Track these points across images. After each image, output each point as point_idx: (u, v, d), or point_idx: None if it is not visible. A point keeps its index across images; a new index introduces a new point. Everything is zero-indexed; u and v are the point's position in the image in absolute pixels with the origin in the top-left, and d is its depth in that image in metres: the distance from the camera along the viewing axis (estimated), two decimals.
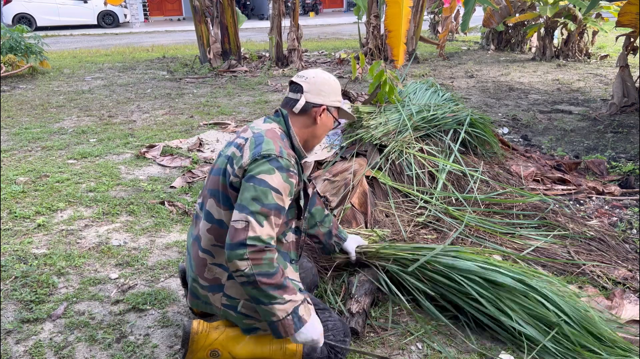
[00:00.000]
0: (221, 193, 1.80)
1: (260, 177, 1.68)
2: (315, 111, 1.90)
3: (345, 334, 1.96)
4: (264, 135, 1.79)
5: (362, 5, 10.24)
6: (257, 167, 1.70)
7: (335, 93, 1.95)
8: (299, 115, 1.91)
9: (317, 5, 26.59)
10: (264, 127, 1.86)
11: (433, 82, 4.42)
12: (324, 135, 2.00)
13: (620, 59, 6.02)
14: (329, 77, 1.95)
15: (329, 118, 1.96)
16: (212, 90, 7.73)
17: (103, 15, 20.32)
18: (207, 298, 1.88)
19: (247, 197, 1.67)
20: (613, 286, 2.48)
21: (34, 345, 2.16)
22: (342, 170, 3.35)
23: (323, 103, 1.91)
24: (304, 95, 1.89)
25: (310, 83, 1.90)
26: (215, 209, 1.81)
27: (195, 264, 1.88)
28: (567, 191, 3.57)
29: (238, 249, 1.62)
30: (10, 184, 3.87)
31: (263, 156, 1.71)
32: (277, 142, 1.77)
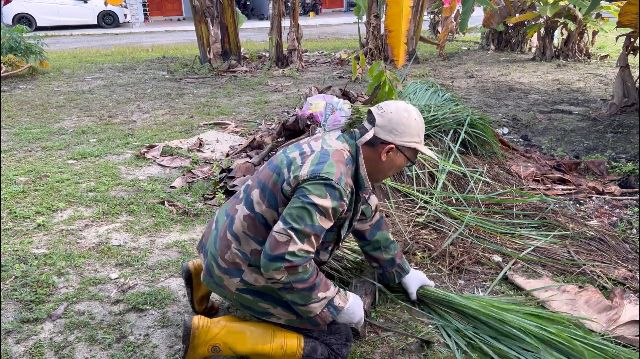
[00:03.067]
0: (270, 190, 1.81)
1: (311, 197, 1.69)
2: (382, 147, 1.85)
3: (347, 338, 1.96)
4: (330, 155, 1.77)
5: (362, 5, 10.25)
6: (312, 186, 1.70)
7: (411, 134, 1.85)
8: (366, 146, 1.87)
9: (317, 5, 26.59)
10: (334, 145, 1.84)
11: (433, 82, 4.42)
12: (391, 173, 1.95)
13: (620, 59, 6.02)
14: (408, 115, 1.85)
15: (398, 157, 1.88)
16: (212, 90, 7.73)
17: (103, 15, 20.32)
18: (222, 280, 1.88)
19: (294, 214, 1.69)
20: (613, 286, 2.48)
21: (34, 345, 2.16)
22: None
23: (392, 142, 1.84)
24: (374, 128, 1.85)
25: (384, 118, 1.84)
26: (258, 201, 1.83)
27: (220, 243, 1.89)
28: (567, 191, 3.57)
29: (276, 262, 1.67)
30: (10, 184, 3.87)
31: (320, 177, 1.71)
32: (341, 166, 1.75)
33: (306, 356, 1.90)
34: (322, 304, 1.77)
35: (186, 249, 2.94)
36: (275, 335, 1.89)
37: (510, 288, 2.53)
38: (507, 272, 2.60)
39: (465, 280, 2.59)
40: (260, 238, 1.81)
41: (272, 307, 1.87)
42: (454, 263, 2.69)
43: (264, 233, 1.81)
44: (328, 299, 1.78)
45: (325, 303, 1.77)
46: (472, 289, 2.53)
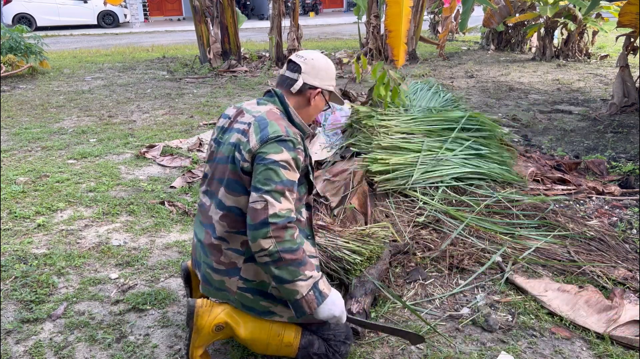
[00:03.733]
0: (231, 180, 1.83)
1: (269, 157, 1.72)
2: (311, 93, 1.94)
3: (347, 337, 1.97)
4: (266, 118, 1.82)
5: (362, 5, 10.24)
6: (266, 148, 1.74)
7: (331, 78, 1.99)
8: (294, 95, 1.94)
9: (317, 5, 26.58)
10: (262, 109, 1.89)
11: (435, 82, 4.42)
12: (315, 116, 2.04)
13: (620, 59, 6.02)
14: (327, 61, 1.99)
15: (321, 101, 1.99)
16: (212, 90, 7.73)
17: (103, 15, 20.31)
18: (222, 283, 1.89)
19: (260, 178, 1.71)
20: (613, 286, 2.48)
21: (34, 345, 2.16)
22: (342, 170, 3.35)
23: (319, 86, 1.94)
24: (302, 76, 1.91)
25: (309, 65, 1.93)
26: (226, 196, 1.84)
27: (209, 251, 1.90)
28: (567, 191, 3.57)
29: (262, 228, 1.66)
30: (10, 184, 3.87)
31: (271, 138, 1.75)
32: (281, 122, 1.81)
33: (302, 348, 1.92)
34: (309, 285, 1.72)
35: (186, 249, 2.95)
36: (273, 323, 1.91)
37: (510, 288, 2.53)
38: (507, 272, 2.60)
39: (465, 280, 2.59)
40: (243, 229, 1.81)
41: (273, 305, 1.88)
42: (454, 263, 2.69)
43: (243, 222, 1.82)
44: (314, 280, 1.74)
45: (312, 284, 1.73)
46: (472, 289, 2.53)
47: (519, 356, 2.08)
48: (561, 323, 2.27)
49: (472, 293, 2.50)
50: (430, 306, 2.41)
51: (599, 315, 2.26)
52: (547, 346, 2.13)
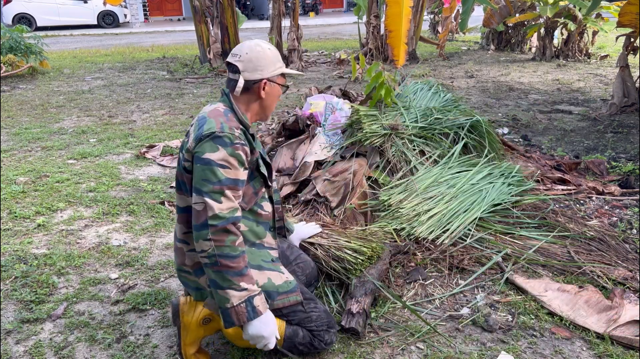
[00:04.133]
0: (180, 181, 1.86)
1: (205, 157, 1.72)
2: (257, 87, 1.89)
3: (330, 326, 1.99)
4: (206, 117, 1.82)
5: (362, 5, 10.25)
6: (201, 147, 1.74)
7: (273, 63, 1.90)
8: (243, 94, 1.90)
9: (317, 5, 26.58)
10: (207, 109, 1.89)
11: (435, 82, 4.42)
12: (274, 103, 2.00)
13: (620, 59, 6.02)
14: (262, 48, 1.89)
15: (273, 88, 1.93)
16: (212, 90, 7.73)
17: (103, 15, 20.31)
18: (197, 283, 1.92)
19: (199, 179, 1.71)
20: (613, 286, 2.48)
21: (34, 345, 2.16)
22: (342, 170, 3.35)
23: (262, 78, 1.88)
24: (242, 74, 1.86)
25: (244, 61, 1.86)
26: (179, 198, 1.88)
27: (176, 255, 1.95)
28: (567, 191, 3.57)
29: (202, 229, 1.67)
30: (10, 184, 3.87)
31: (205, 135, 1.74)
32: (219, 118, 1.79)
33: (288, 338, 1.93)
34: (242, 297, 1.69)
35: None
36: None
37: (510, 288, 2.53)
38: (507, 272, 2.60)
39: (465, 279, 2.59)
40: None
41: None
42: (454, 263, 2.69)
43: None
44: (249, 293, 1.71)
45: (245, 297, 1.70)
46: (472, 289, 2.53)
47: (519, 356, 2.08)
48: (561, 323, 2.27)
49: (472, 293, 2.50)
50: (430, 306, 2.41)
51: (599, 315, 2.26)
52: (547, 346, 2.13)
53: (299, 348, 1.96)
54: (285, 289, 1.93)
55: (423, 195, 3.10)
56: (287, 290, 1.93)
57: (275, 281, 1.92)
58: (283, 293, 1.92)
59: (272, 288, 1.91)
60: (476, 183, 3.23)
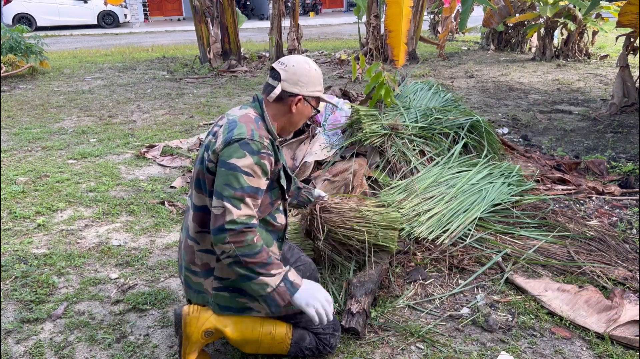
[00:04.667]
0: (201, 180, 1.85)
1: (231, 162, 1.72)
2: (291, 100, 1.91)
3: (335, 329, 2.00)
4: (237, 121, 1.82)
5: (362, 5, 10.24)
6: (228, 151, 1.74)
7: (314, 84, 1.94)
8: (275, 102, 1.92)
9: (317, 5, 26.58)
10: (238, 113, 1.89)
11: (435, 82, 4.42)
12: (301, 123, 2.02)
13: (620, 59, 6.02)
14: (309, 67, 1.93)
15: (305, 107, 1.96)
16: (212, 90, 7.73)
17: (103, 15, 20.32)
18: (200, 285, 1.91)
19: (221, 183, 1.71)
20: (613, 286, 2.48)
21: (34, 345, 2.16)
22: (342, 170, 3.35)
23: (299, 94, 1.90)
24: (281, 83, 1.89)
25: (288, 72, 1.89)
26: (197, 196, 1.86)
27: (185, 253, 1.92)
28: (567, 191, 3.57)
29: (220, 234, 1.68)
30: (10, 184, 3.87)
31: (234, 140, 1.74)
32: (250, 125, 1.80)
33: (295, 343, 1.93)
34: (277, 279, 1.73)
35: None
36: (263, 322, 1.91)
37: (510, 288, 2.53)
38: (507, 272, 2.60)
39: (465, 279, 2.59)
40: None
41: (250, 301, 1.89)
42: (454, 263, 2.69)
43: None
44: (282, 274, 1.75)
45: (281, 278, 1.74)
46: (472, 289, 2.53)
47: (519, 356, 2.08)
48: (561, 323, 2.27)
49: (472, 293, 2.50)
50: (430, 306, 2.41)
51: (599, 315, 2.26)
52: (547, 346, 2.13)
53: (305, 352, 1.96)
54: None
55: (423, 195, 3.10)
56: None
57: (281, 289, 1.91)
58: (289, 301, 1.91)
59: None
60: (476, 183, 3.23)
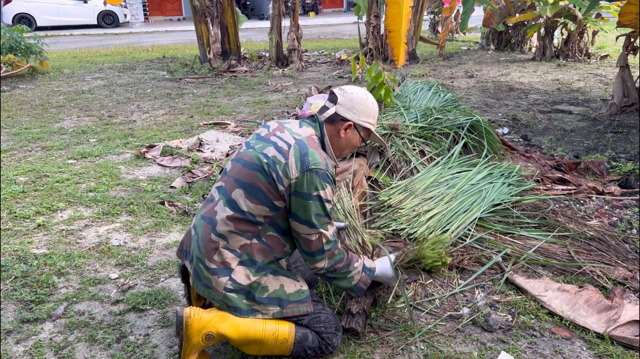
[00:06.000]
0: (257, 189, 1.87)
1: (316, 194, 1.84)
2: (342, 124, 1.99)
3: (337, 328, 2.02)
4: (307, 144, 1.88)
5: (362, 5, 10.24)
6: (309, 182, 1.83)
7: (367, 115, 2.02)
8: (327, 124, 2.01)
9: (317, 5, 26.58)
10: (302, 132, 1.94)
11: (435, 82, 4.42)
12: (346, 152, 2.10)
13: (620, 59, 6.02)
14: (367, 98, 2.02)
15: (354, 136, 2.03)
16: (212, 90, 7.73)
17: (103, 15, 20.32)
18: (210, 281, 1.90)
19: (311, 214, 1.85)
20: (613, 286, 2.48)
21: (34, 345, 2.16)
22: (342, 170, 3.35)
23: (351, 119, 1.99)
24: (336, 106, 1.99)
25: (346, 97, 1.99)
26: (244, 201, 1.88)
27: (204, 245, 1.91)
28: (567, 191, 3.57)
29: (319, 255, 1.92)
30: (10, 184, 3.87)
31: (312, 170, 1.83)
32: (321, 153, 1.89)
33: (298, 342, 1.94)
34: (359, 272, 2.02)
35: None
36: (266, 322, 1.92)
37: (510, 288, 2.53)
38: (507, 272, 2.60)
39: (465, 279, 2.59)
40: (248, 233, 1.88)
41: (256, 303, 1.90)
42: (454, 263, 2.69)
43: (251, 228, 1.89)
44: (361, 264, 2.04)
45: (361, 269, 2.03)
46: (472, 289, 2.53)
47: (519, 356, 2.08)
48: (561, 323, 2.27)
49: (472, 293, 2.50)
50: (430, 306, 2.41)
51: (599, 315, 2.26)
52: (547, 346, 2.13)
53: (307, 351, 1.97)
54: (296, 298, 1.95)
55: (423, 195, 3.10)
56: (298, 299, 1.95)
57: (288, 288, 1.94)
58: (294, 302, 1.94)
59: (283, 295, 1.92)
60: (476, 183, 3.23)
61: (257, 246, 1.89)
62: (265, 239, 1.90)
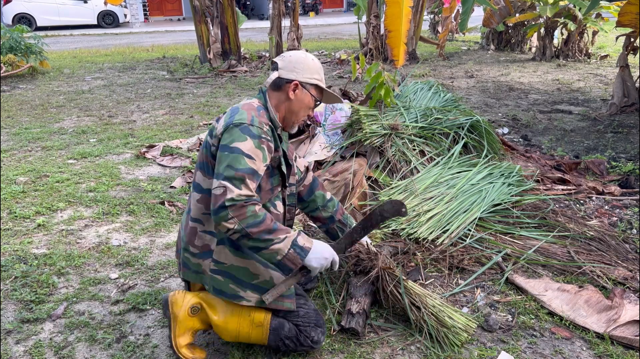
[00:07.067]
0: (205, 164, 1.92)
1: (232, 145, 1.79)
2: (288, 86, 1.97)
3: (317, 324, 2.02)
4: (239, 108, 1.91)
5: (362, 5, 10.24)
6: (229, 134, 1.81)
7: (311, 71, 1.99)
8: (274, 91, 1.99)
9: (317, 5, 26.58)
10: (242, 102, 1.97)
11: (435, 82, 4.42)
12: (302, 113, 2.05)
13: (620, 59, 6.02)
14: (306, 56, 2.01)
15: (304, 95, 2.00)
16: (212, 90, 7.73)
17: (103, 15, 20.32)
18: (199, 266, 1.96)
19: (222, 165, 1.77)
20: (613, 286, 2.48)
21: (34, 345, 2.16)
22: (342, 170, 3.35)
23: (295, 79, 1.96)
24: (278, 71, 1.98)
25: (285, 60, 1.99)
26: (202, 179, 1.93)
27: (186, 234, 1.98)
28: (567, 191, 3.57)
29: (221, 212, 1.72)
30: (10, 184, 3.87)
31: (234, 124, 1.82)
32: (251, 112, 1.87)
33: (273, 329, 1.96)
34: (287, 245, 1.78)
35: None
36: (243, 308, 1.96)
37: (510, 288, 2.53)
38: (507, 272, 2.60)
39: (465, 279, 2.59)
40: None
41: (242, 290, 1.93)
42: (454, 263, 2.69)
43: None
44: (291, 239, 1.80)
45: (290, 243, 1.79)
46: (472, 289, 2.53)
47: (519, 356, 2.08)
48: (561, 323, 2.27)
49: (472, 293, 2.50)
50: None
51: (599, 315, 2.26)
52: (547, 346, 2.13)
53: (285, 341, 1.97)
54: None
55: (423, 195, 3.10)
56: (283, 294, 1.96)
57: (276, 282, 1.95)
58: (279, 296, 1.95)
59: (270, 287, 1.94)
60: (476, 183, 3.24)
61: None
62: None
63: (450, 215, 2.95)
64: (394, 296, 2.24)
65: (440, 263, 2.70)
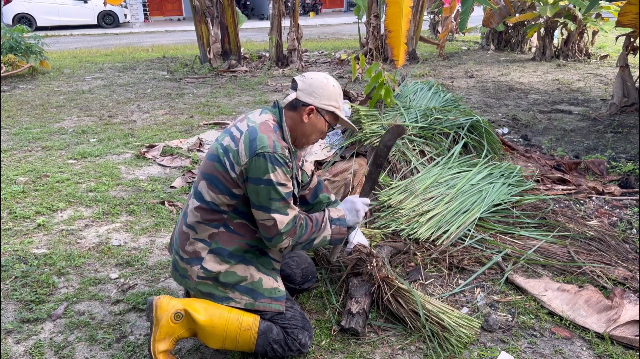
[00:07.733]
0: (215, 178, 1.91)
1: (265, 177, 1.83)
2: (303, 109, 1.97)
3: (304, 327, 2.02)
4: (257, 130, 1.88)
5: (362, 5, 10.24)
6: (258, 167, 1.83)
7: (329, 98, 1.99)
8: (290, 111, 1.99)
9: (317, 5, 26.58)
10: (258, 119, 1.95)
11: (434, 82, 4.42)
12: (314, 136, 2.06)
13: (620, 59, 6.02)
14: (327, 81, 1.99)
15: (318, 120, 2.00)
16: (212, 90, 7.73)
17: (103, 15, 20.32)
18: (185, 271, 1.97)
19: (264, 197, 1.85)
20: (613, 286, 2.48)
21: (34, 345, 2.16)
22: (342, 170, 3.35)
23: (312, 104, 1.96)
24: (296, 92, 1.98)
25: (305, 82, 1.98)
26: (206, 191, 1.93)
27: (178, 237, 2.00)
28: (567, 191, 3.57)
29: (277, 240, 1.90)
30: (10, 184, 3.87)
31: (258, 154, 1.83)
32: (270, 135, 1.87)
33: (262, 333, 1.95)
34: (328, 226, 2.01)
35: None
36: (231, 311, 1.94)
37: (510, 288, 2.53)
38: (507, 272, 2.60)
39: (465, 279, 2.59)
40: (214, 222, 1.93)
41: (231, 291, 1.94)
42: (454, 263, 2.69)
43: (216, 217, 1.93)
44: (328, 220, 2.02)
45: (329, 223, 2.02)
46: (472, 289, 2.53)
47: (519, 356, 2.08)
48: (561, 323, 2.27)
49: (472, 293, 2.50)
50: None
51: (599, 315, 2.26)
52: (547, 346, 2.13)
53: (273, 346, 1.96)
54: (271, 294, 1.97)
55: (423, 195, 3.10)
56: (272, 296, 1.98)
57: (266, 284, 1.97)
58: (268, 298, 1.96)
59: (259, 288, 1.96)
60: (476, 183, 3.24)
61: (225, 234, 1.94)
62: (233, 227, 1.94)
63: (450, 215, 2.95)
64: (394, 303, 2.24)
65: (440, 263, 2.70)
